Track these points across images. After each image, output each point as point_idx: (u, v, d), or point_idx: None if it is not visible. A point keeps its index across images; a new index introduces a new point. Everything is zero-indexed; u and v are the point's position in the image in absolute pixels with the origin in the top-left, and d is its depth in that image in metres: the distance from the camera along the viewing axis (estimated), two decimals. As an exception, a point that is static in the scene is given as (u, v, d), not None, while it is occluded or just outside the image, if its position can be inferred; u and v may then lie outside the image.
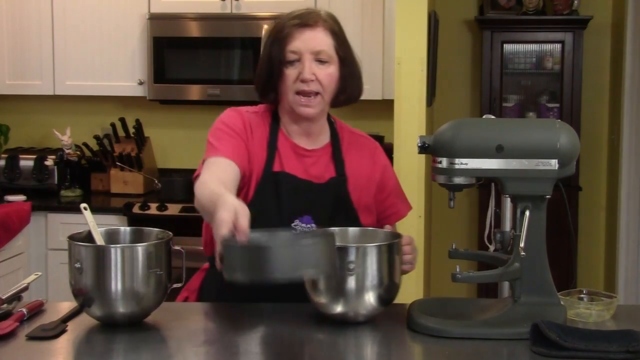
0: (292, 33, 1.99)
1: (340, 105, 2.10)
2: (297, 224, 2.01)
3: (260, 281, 1.44)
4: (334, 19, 2.06)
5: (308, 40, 1.98)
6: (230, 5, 4.09)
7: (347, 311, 1.76)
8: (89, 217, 1.84)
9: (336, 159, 2.09)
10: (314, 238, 1.57)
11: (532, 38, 4.61)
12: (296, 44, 1.98)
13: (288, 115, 2.06)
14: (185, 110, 4.47)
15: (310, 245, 1.52)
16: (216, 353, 1.62)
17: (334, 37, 2.02)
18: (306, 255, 1.49)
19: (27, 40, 4.26)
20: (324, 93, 2.00)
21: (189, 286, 2.14)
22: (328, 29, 2.01)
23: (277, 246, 1.49)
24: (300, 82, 1.98)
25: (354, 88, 2.08)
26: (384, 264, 1.76)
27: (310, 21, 2.00)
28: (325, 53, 1.99)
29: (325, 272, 1.58)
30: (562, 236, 2.76)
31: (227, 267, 1.49)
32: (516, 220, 1.79)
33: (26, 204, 3.98)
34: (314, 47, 1.98)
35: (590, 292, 1.94)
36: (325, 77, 1.99)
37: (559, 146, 1.74)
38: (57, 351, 1.66)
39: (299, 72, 1.98)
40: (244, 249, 1.49)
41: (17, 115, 4.62)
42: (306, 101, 1.99)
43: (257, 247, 1.49)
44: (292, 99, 2.00)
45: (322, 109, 2.04)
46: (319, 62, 1.99)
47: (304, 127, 2.07)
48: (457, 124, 1.80)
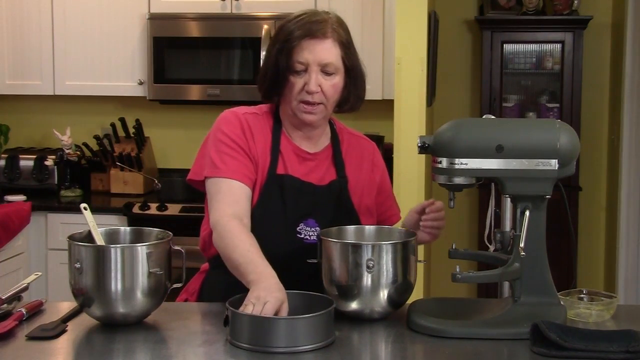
0: (301, 44, 1.96)
1: (343, 112, 2.11)
2: (302, 228, 2.01)
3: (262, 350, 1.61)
4: (342, 26, 2.03)
5: (316, 53, 1.96)
6: (230, 5, 4.08)
7: (363, 308, 1.79)
8: (89, 217, 1.84)
9: (337, 162, 2.09)
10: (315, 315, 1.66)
11: (532, 38, 4.61)
12: (304, 54, 1.96)
13: (289, 120, 2.06)
14: (185, 110, 4.47)
15: (311, 320, 1.64)
16: (216, 353, 1.62)
17: (342, 48, 2.00)
18: (306, 329, 1.63)
19: (27, 40, 4.26)
20: (327, 103, 2.00)
21: (188, 288, 2.14)
22: (337, 39, 1.99)
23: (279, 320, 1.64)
24: (306, 92, 1.97)
25: (357, 97, 2.08)
26: (400, 262, 1.79)
27: (319, 33, 1.97)
28: (332, 65, 1.98)
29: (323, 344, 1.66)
30: (562, 236, 2.76)
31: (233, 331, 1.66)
32: (516, 220, 1.79)
33: (26, 204, 3.98)
34: (322, 59, 1.97)
35: (590, 292, 1.94)
36: (329, 88, 1.99)
37: (559, 146, 1.74)
38: (57, 351, 1.66)
39: (305, 82, 1.97)
40: (252, 318, 1.63)
41: (17, 115, 4.62)
42: (309, 109, 1.99)
43: (262, 318, 1.63)
44: (296, 106, 2.00)
45: (324, 117, 2.04)
46: (325, 74, 1.98)
47: (305, 131, 2.07)
48: (457, 124, 1.80)
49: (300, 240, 2.00)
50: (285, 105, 2.04)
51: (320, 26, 1.98)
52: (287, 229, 1.99)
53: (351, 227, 1.97)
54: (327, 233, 1.89)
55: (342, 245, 1.81)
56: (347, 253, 1.78)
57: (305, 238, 2.01)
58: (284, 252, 1.97)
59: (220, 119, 2.07)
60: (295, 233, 2.00)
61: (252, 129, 2.03)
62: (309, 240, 2.00)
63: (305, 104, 1.99)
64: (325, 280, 1.82)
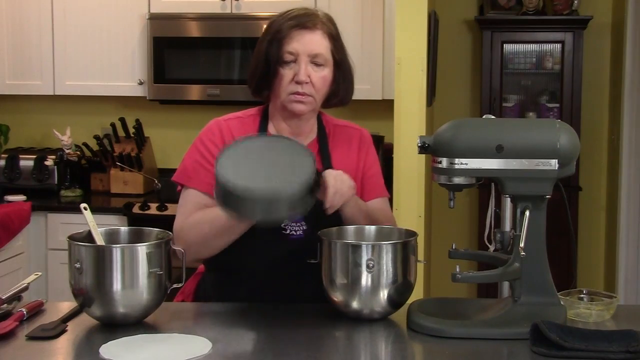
0: (291, 34, 1.99)
1: (331, 107, 2.11)
2: (288, 224, 2.01)
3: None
4: (332, 22, 2.07)
5: (306, 43, 1.99)
6: (230, 5, 4.09)
7: (363, 308, 1.79)
8: (89, 217, 1.84)
9: (323, 154, 2.10)
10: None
11: (532, 38, 4.61)
12: (294, 45, 1.99)
13: (279, 113, 2.08)
14: (185, 110, 4.47)
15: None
16: (216, 353, 1.62)
17: (331, 40, 2.03)
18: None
19: (27, 40, 4.26)
20: (316, 95, 2.02)
21: (184, 290, 2.14)
22: (326, 32, 2.02)
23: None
24: (295, 83, 1.99)
25: (345, 91, 2.10)
26: (400, 262, 1.79)
27: (309, 23, 2.01)
28: (322, 56, 2.00)
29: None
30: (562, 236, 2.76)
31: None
32: (516, 220, 1.79)
33: (26, 204, 3.98)
34: (312, 49, 1.99)
35: (590, 292, 1.94)
36: (318, 79, 2.00)
37: (559, 146, 1.74)
38: (57, 351, 1.66)
39: (294, 73, 1.99)
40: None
41: (17, 115, 4.62)
42: (299, 97, 2.00)
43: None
44: (285, 97, 2.01)
45: (313, 109, 2.06)
46: (315, 65, 2.00)
47: (294, 125, 2.08)
48: (457, 124, 1.80)
49: (285, 236, 2.00)
50: (275, 99, 2.06)
51: (309, 18, 2.02)
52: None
53: (351, 227, 1.97)
54: (327, 233, 1.89)
55: (342, 245, 1.81)
56: (347, 253, 1.78)
57: (292, 234, 2.01)
58: (270, 248, 1.98)
59: (204, 128, 2.12)
60: (281, 229, 2.00)
61: (234, 134, 2.06)
62: (295, 236, 2.01)
63: (295, 94, 2.00)
64: (325, 280, 1.82)
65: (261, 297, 1.97)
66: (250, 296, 1.99)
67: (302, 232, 2.01)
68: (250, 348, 1.71)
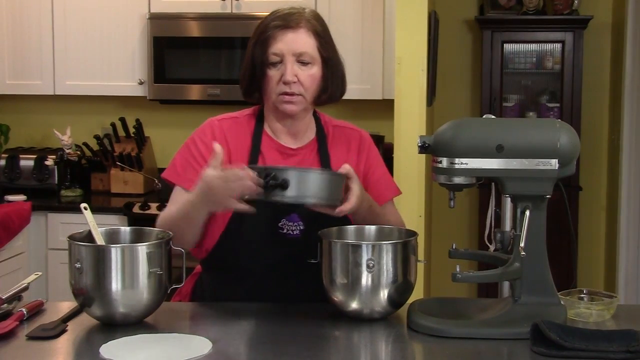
0: (275, 35, 1.99)
1: (322, 104, 2.10)
2: (285, 223, 2.01)
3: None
4: (317, 19, 2.05)
5: (290, 42, 1.98)
6: (230, 5, 4.09)
7: (363, 308, 1.79)
8: (89, 217, 1.84)
9: (322, 155, 2.09)
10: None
11: (532, 38, 4.61)
12: (278, 45, 1.98)
13: (272, 114, 2.07)
14: (185, 110, 4.47)
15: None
16: (216, 353, 1.62)
17: (317, 38, 2.01)
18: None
19: (27, 40, 4.26)
20: (305, 94, 2.01)
21: (182, 290, 2.15)
22: (311, 30, 2.01)
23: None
24: (283, 83, 1.98)
25: (336, 88, 2.08)
26: (400, 262, 1.79)
27: (292, 23, 2.00)
28: (308, 55, 1.99)
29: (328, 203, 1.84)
30: (562, 236, 2.76)
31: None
32: (516, 220, 1.79)
33: (26, 203, 3.98)
34: (296, 49, 1.98)
35: (590, 292, 1.94)
36: (306, 78, 2.00)
37: (559, 146, 1.74)
38: (57, 351, 1.66)
39: (282, 73, 1.98)
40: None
41: (17, 115, 4.62)
42: (288, 98, 2.00)
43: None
44: (276, 98, 2.01)
45: (304, 108, 2.05)
46: (301, 64, 1.99)
47: (288, 125, 2.07)
48: (457, 124, 1.80)
49: (282, 235, 2.00)
50: (267, 101, 2.06)
51: (293, 17, 2.01)
52: (268, 225, 1.99)
53: (351, 227, 1.97)
54: (327, 233, 1.89)
55: (342, 245, 1.81)
56: (347, 253, 1.78)
57: (288, 233, 2.01)
58: (267, 247, 1.98)
59: (199, 127, 2.11)
60: (278, 228, 2.00)
61: (227, 134, 2.06)
62: (291, 235, 2.00)
63: (284, 95, 2.00)
64: (325, 280, 1.82)
65: (258, 297, 1.97)
66: (247, 296, 1.99)
67: (299, 232, 2.00)
68: (250, 348, 1.71)
